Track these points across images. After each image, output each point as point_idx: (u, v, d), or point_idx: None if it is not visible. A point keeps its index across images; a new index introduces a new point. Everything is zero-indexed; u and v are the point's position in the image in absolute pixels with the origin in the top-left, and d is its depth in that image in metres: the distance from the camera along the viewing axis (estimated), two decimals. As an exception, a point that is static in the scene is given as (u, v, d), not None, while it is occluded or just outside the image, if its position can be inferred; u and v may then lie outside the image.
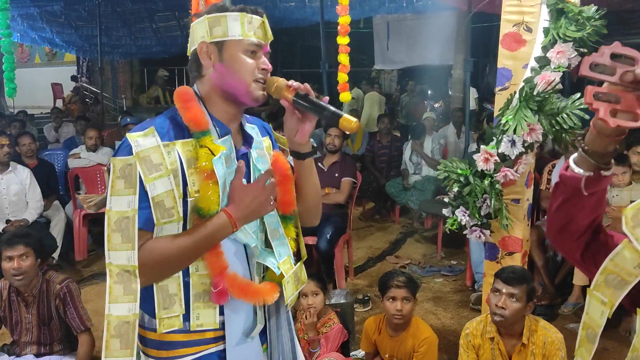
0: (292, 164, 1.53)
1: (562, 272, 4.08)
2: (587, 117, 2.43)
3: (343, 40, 4.14)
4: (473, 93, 9.58)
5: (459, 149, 6.77)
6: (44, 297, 2.83)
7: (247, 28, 1.35)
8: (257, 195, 1.35)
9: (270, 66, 1.40)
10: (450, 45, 9.29)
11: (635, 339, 1.01)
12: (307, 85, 1.39)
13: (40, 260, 2.85)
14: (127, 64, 13.22)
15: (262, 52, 1.39)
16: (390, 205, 6.84)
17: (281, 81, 1.40)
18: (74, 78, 12.95)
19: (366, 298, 4.19)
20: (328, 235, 4.12)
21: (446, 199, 2.90)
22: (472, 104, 9.25)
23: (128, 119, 6.60)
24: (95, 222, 5.99)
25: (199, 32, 1.37)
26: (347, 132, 1.37)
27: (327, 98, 1.40)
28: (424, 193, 6.07)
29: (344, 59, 4.21)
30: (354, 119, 1.33)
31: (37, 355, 2.87)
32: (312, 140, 1.48)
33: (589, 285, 1.06)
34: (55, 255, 4.87)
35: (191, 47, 1.41)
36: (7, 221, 4.51)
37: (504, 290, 2.41)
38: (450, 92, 9.79)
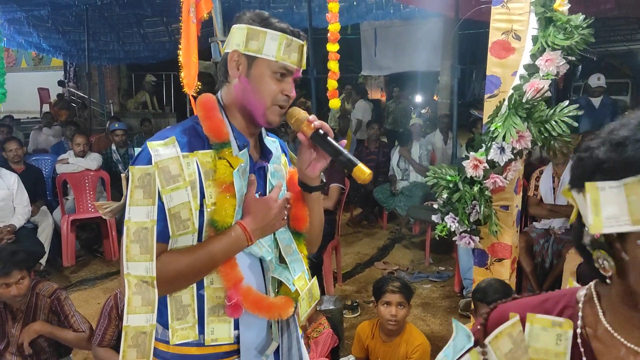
0: None
1: (550, 278, 4.11)
2: (575, 124, 2.47)
3: (333, 48, 4.14)
4: None
5: (447, 155, 6.82)
6: (31, 312, 2.79)
7: (283, 51, 1.31)
8: (270, 208, 1.34)
9: (294, 94, 1.37)
10: (437, 51, 9.37)
11: None
12: (327, 125, 1.37)
13: (33, 269, 2.81)
14: (115, 69, 13.15)
15: (291, 77, 1.36)
16: (378, 211, 6.87)
17: (302, 115, 1.37)
18: (61, 83, 12.86)
19: (355, 304, 4.19)
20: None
21: (435, 205, 2.92)
22: None
23: (116, 124, 6.55)
24: (83, 228, 5.95)
25: (236, 39, 1.33)
26: (359, 182, 1.36)
27: (344, 142, 1.39)
28: (412, 199, 6.10)
29: (333, 66, 4.21)
30: (368, 170, 1.30)
31: (24, 364, 2.84)
32: (322, 174, 1.46)
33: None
34: (43, 261, 4.82)
35: (226, 49, 1.37)
36: (-6, 226, 4.45)
37: None
38: (437, 99, 9.86)
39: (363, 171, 1.30)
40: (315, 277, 1.55)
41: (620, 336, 0.83)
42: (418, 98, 13.11)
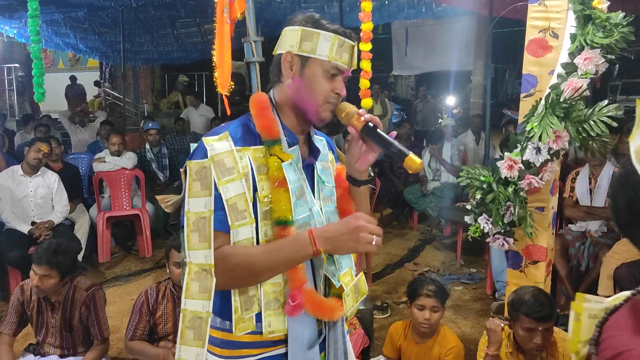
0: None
1: (586, 282, 4.02)
2: (614, 124, 2.41)
3: (365, 47, 4.10)
4: None
5: (478, 156, 6.74)
6: (68, 304, 2.86)
7: (335, 51, 1.37)
8: (347, 222, 1.34)
9: (344, 92, 1.41)
10: (470, 50, 9.26)
11: None
12: (377, 118, 1.40)
13: (69, 276, 2.83)
14: (149, 70, 13.38)
15: (342, 76, 1.41)
16: (408, 211, 6.83)
17: (352, 109, 1.41)
18: (97, 83, 13.11)
19: (385, 305, 4.17)
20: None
21: (468, 206, 2.88)
22: None
23: (150, 124, 6.67)
24: (118, 225, 6.07)
25: (289, 40, 1.39)
26: (410, 172, 1.37)
27: (394, 133, 1.40)
28: (443, 200, 6.05)
29: (366, 65, 4.17)
30: (419, 160, 1.33)
31: (61, 356, 2.90)
32: (370, 169, 1.51)
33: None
34: (79, 257, 4.93)
35: (278, 50, 1.42)
36: (33, 223, 4.58)
37: (540, 328, 2.30)
38: (470, 98, 9.73)
39: (414, 161, 1.33)
40: (362, 273, 1.58)
41: None
42: (450, 97, 12.98)
